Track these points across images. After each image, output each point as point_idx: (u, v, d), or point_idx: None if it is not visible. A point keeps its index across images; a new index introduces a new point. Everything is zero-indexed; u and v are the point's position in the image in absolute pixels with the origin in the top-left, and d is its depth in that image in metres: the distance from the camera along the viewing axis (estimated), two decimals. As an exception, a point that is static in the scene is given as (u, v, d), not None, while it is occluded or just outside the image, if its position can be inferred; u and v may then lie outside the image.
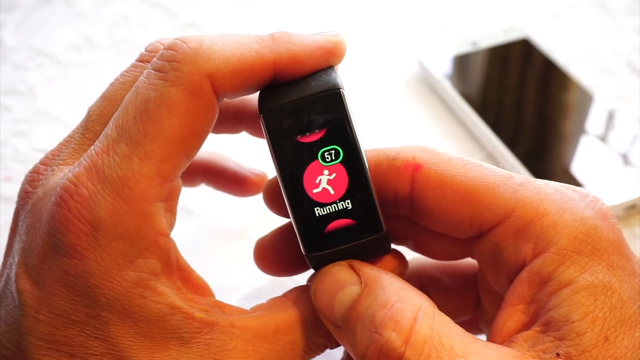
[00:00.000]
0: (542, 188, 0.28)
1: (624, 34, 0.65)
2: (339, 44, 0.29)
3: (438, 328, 0.25)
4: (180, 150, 0.27)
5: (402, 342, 0.25)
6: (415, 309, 0.25)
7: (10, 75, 0.63)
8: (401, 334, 0.25)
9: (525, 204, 0.27)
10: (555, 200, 0.27)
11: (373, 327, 0.25)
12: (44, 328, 0.26)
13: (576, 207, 0.27)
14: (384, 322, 0.25)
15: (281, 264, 0.33)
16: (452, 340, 0.25)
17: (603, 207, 0.27)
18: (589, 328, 0.25)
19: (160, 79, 0.27)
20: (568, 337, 0.25)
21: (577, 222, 0.26)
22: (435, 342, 0.25)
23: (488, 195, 0.28)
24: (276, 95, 0.29)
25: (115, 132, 0.27)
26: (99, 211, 0.25)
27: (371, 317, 0.26)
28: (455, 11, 0.69)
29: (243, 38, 0.28)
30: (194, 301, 0.27)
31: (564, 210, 0.27)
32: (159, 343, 0.26)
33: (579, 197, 0.27)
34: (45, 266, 0.26)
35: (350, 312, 0.26)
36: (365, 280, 0.27)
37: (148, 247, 0.26)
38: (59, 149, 0.30)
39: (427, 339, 0.25)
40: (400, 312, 0.25)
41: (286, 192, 0.28)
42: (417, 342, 0.24)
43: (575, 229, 0.26)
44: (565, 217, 0.27)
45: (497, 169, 0.29)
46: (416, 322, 0.25)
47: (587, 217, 0.26)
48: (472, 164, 0.29)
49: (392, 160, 0.29)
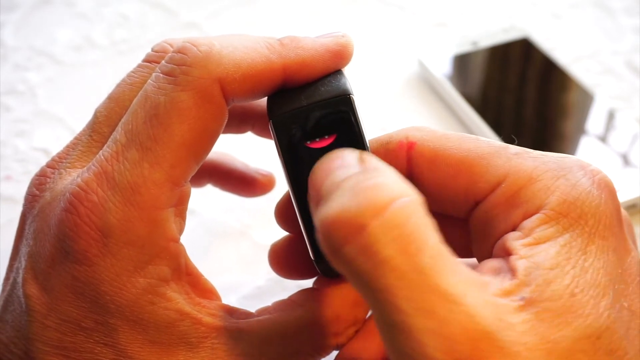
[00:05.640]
0: (539, 157, 0.27)
1: (624, 34, 0.65)
2: (347, 45, 0.29)
3: (420, 221, 0.22)
4: (190, 156, 0.27)
5: (371, 214, 0.21)
6: (403, 195, 0.22)
7: (10, 75, 0.63)
8: (374, 206, 0.22)
9: (518, 171, 0.26)
10: (551, 168, 0.26)
11: (349, 193, 0.22)
12: (52, 334, 0.26)
13: (572, 174, 0.26)
14: (362, 191, 0.22)
15: (295, 268, 0.32)
16: (429, 240, 0.22)
17: (603, 179, 0.26)
18: (557, 278, 0.23)
19: (170, 83, 0.26)
20: (534, 282, 0.23)
21: (569, 187, 0.25)
22: (409, 231, 0.21)
23: (482, 164, 0.27)
24: (285, 101, 0.28)
25: (125, 137, 0.26)
26: (109, 218, 0.25)
27: (352, 187, 0.23)
28: (455, 11, 0.69)
29: (252, 43, 0.28)
30: (201, 306, 0.27)
31: (558, 177, 0.26)
32: (167, 349, 0.26)
33: (578, 165, 0.26)
34: (54, 272, 0.26)
35: (338, 185, 0.23)
36: (367, 166, 0.24)
37: (158, 253, 0.26)
38: (66, 152, 0.30)
39: (404, 224, 0.22)
40: (385, 186, 0.22)
41: (295, 198, 0.28)
42: (389, 222, 0.21)
43: (566, 193, 0.25)
44: (559, 182, 0.26)
45: (493, 140, 0.28)
46: (397, 203, 0.22)
47: (581, 183, 0.25)
48: (467, 137, 0.28)
49: (386, 145, 0.29)
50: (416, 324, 0.21)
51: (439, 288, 0.21)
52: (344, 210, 0.22)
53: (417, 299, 0.21)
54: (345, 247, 0.22)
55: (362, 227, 0.21)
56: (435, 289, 0.21)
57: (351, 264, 0.22)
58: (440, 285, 0.21)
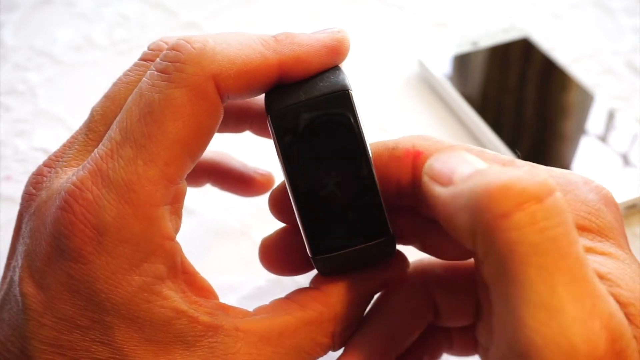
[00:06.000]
0: (545, 172, 0.27)
1: (624, 34, 0.65)
2: (343, 40, 0.29)
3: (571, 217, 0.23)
4: (185, 153, 0.27)
5: (546, 192, 0.22)
6: None
7: (10, 75, 0.63)
8: (548, 186, 0.22)
9: None
10: (559, 183, 0.27)
11: (518, 171, 0.23)
12: (48, 332, 0.26)
13: (579, 190, 0.27)
14: (533, 172, 0.23)
15: (286, 264, 0.32)
16: (577, 235, 0.23)
17: (608, 195, 0.27)
18: (621, 282, 0.24)
19: (164, 81, 0.26)
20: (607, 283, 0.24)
21: (579, 203, 0.26)
22: (570, 220, 0.22)
23: None
24: (283, 96, 0.28)
25: (119, 135, 0.26)
26: (104, 215, 0.25)
27: (522, 169, 0.23)
28: (455, 11, 0.69)
29: (247, 39, 0.28)
30: (198, 304, 0.27)
31: (567, 192, 0.26)
32: (164, 347, 0.26)
33: (583, 182, 0.27)
34: (50, 270, 0.26)
35: (478, 170, 0.24)
36: None
37: (154, 251, 0.26)
38: (62, 151, 0.30)
39: (567, 211, 0.23)
40: (547, 178, 0.23)
41: (293, 193, 0.28)
42: (558, 204, 0.22)
43: (578, 208, 0.26)
44: (568, 197, 0.26)
45: (499, 154, 0.28)
46: (559, 193, 0.23)
47: (591, 199, 0.26)
48: (473, 149, 0.28)
49: (392, 150, 0.29)
50: (568, 311, 0.22)
51: (591, 281, 0.22)
52: (521, 180, 0.22)
53: (573, 286, 0.22)
54: (517, 213, 0.22)
55: (539, 199, 0.22)
56: (589, 281, 0.22)
57: (516, 231, 0.22)
58: (592, 279, 0.22)
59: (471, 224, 0.23)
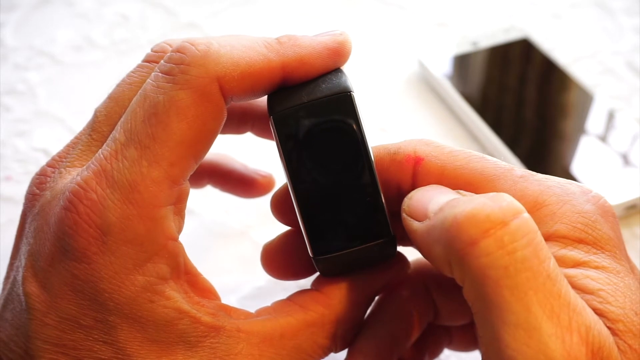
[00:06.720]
0: (543, 181, 0.27)
1: (624, 34, 0.65)
2: (345, 42, 0.29)
3: (540, 235, 0.24)
4: (189, 154, 0.27)
5: (511, 214, 0.23)
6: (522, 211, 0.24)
7: (10, 75, 0.63)
8: (514, 209, 0.23)
9: (524, 195, 0.27)
10: (556, 193, 0.27)
11: (484, 198, 0.24)
12: (52, 332, 0.26)
13: (577, 200, 0.27)
14: (500, 196, 0.24)
15: (288, 269, 0.32)
16: (549, 251, 0.23)
17: (605, 205, 0.27)
18: (611, 298, 0.24)
19: (168, 82, 0.26)
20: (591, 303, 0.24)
21: (576, 214, 0.26)
22: (540, 239, 0.23)
23: (489, 187, 0.28)
24: (286, 98, 0.28)
25: (124, 136, 0.26)
26: (109, 216, 0.25)
27: (488, 195, 0.24)
28: (455, 11, 0.69)
29: (250, 42, 0.28)
30: (200, 305, 0.27)
31: (564, 202, 0.27)
32: (166, 347, 0.26)
33: (580, 191, 0.27)
34: (53, 270, 0.26)
35: (447, 203, 0.25)
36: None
37: (157, 251, 0.26)
38: (66, 151, 0.30)
39: (536, 230, 0.23)
40: (511, 201, 0.24)
41: (295, 195, 0.28)
42: (525, 225, 0.23)
43: (574, 220, 0.26)
44: (565, 208, 0.26)
45: (499, 161, 0.29)
46: (527, 214, 0.24)
47: (587, 210, 0.26)
48: (474, 155, 0.29)
49: (393, 154, 0.29)
50: (545, 328, 0.22)
51: (565, 296, 0.23)
52: (485, 207, 0.23)
53: (547, 303, 0.22)
54: (484, 240, 0.23)
55: (504, 223, 0.23)
56: (563, 297, 0.23)
57: (486, 257, 0.23)
58: (567, 294, 0.23)
59: (445, 254, 0.24)
